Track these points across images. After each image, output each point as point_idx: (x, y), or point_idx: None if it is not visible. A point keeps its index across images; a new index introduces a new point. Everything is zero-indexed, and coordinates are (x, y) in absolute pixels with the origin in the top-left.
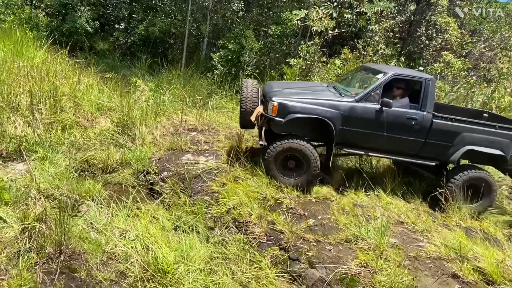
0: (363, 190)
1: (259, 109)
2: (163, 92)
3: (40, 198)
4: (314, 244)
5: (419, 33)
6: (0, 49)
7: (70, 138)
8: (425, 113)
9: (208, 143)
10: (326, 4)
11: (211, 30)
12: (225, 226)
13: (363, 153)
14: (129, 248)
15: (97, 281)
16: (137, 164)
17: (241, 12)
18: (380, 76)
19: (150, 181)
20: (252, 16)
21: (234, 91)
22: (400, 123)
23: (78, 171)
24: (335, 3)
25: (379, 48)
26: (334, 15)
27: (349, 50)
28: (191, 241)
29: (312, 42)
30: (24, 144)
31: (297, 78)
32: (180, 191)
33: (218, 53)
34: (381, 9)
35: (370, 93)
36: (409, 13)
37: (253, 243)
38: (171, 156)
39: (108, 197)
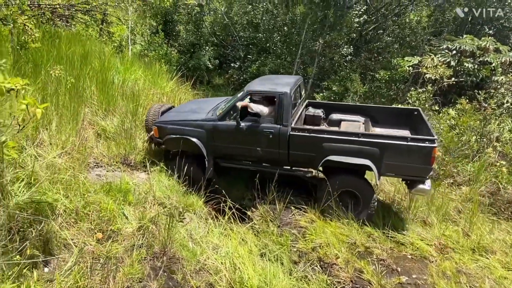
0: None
1: (152, 131)
2: None
3: (155, 204)
4: None
5: None
6: (143, 78)
7: None
8: (281, 126)
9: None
10: (443, 52)
11: (317, 71)
12: (309, 263)
13: (240, 165)
14: (219, 263)
15: (189, 287)
16: (235, 188)
17: (349, 56)
18: (239, 94)
19: (244, 206)
20: (359, 61)
21: None
22: (259, 137)
23: (186, 187)
24: (454, 51)
25: (505, 101)
26: (452, 63)
27: (467, 100)
28: (275, 270)
29: (424, 89)
30: (148, 157)
31: None
32: (270, 220)
33: (322, 94)
34: (510, 59)
35: (229, 111)
36: None
37: (337, 287)
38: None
39: (207, 213)
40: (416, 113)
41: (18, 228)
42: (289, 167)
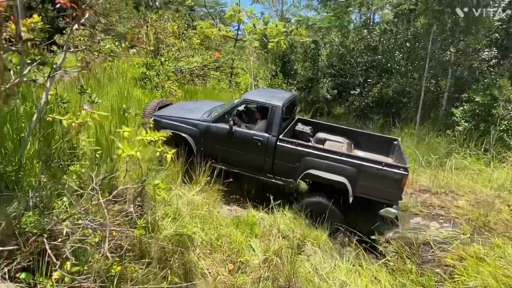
0: None
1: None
2: None
3: (279, 236)
4: None
5: None
6: None
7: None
8: (270, 136)
9: (443, 208)
10: None
11: (453, 84)
12: None
13: (229, 168)
14: None
15: None
16: (363, 220)
17: (493, 60)
18: (236, 100)
19: (374, 240)
20: (508, 62)
21: (483, 149)
22: (248, 143)
23: (309, 219)
24: None
25: None
26: None
27: None
28: None
29: None
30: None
31: None
32: (406, 257)
33: (461, 108)
34: None
35: (224, 115)
36: None
37: None
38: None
39: (332, 248)
40: (395, 142)
41: (165, 257)
42: (270, 176)
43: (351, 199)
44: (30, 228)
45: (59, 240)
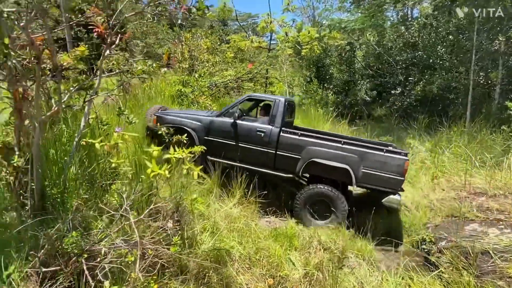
0: None
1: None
2: (441, 152)
3: (320, 249)
4: None
5: None
6: (300, 125)
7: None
8: (273, 127)
9: (503, 212)
10: None
11: (505, 75)
12: None
13: (229, 162)
14: None
15: None
16: (411, 229)
17: None
18: (240, 98)
19: (425, 250)
20: None
21: None
22: (251, 135)
23: (355, 230)
24: None
25: None
26: None
27: None
28: None
29: None
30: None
31: None
32: (462, 268)
33: None
34: None
35: (227, 110)
36: None
37: None
38: (451, 224)
39: (378, 259)
40: (390, 147)
41: (204, 273)
42: (270, 171)
43: (354, 187)
44: (71, 249)
45: (98, 259)
